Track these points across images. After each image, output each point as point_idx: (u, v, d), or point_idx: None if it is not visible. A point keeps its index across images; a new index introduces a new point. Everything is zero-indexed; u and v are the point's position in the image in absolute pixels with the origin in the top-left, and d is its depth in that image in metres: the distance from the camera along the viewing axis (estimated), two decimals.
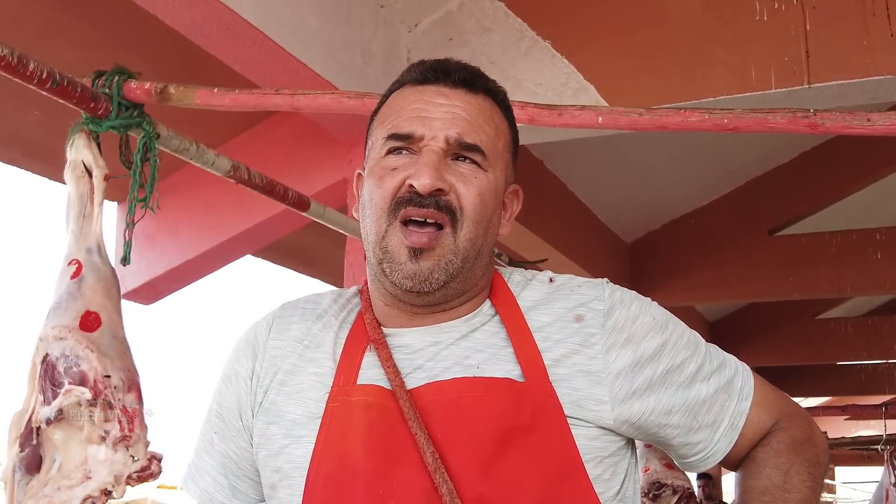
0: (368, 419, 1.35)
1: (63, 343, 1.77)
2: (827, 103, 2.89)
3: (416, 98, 1.43)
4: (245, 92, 2.10)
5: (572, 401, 1.35)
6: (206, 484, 1.54)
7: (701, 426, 1.44)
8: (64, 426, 1.75)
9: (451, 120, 1.39)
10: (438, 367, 1.39)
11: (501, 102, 1.49)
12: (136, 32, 2.95)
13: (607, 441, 1.38)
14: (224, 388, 1.54)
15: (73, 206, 1.95)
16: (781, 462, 1.45)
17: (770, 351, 8.47)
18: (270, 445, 1.44)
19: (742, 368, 1.51)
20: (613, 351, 1.39)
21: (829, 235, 5.99)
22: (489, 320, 1.43)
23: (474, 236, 1.39)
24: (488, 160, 1.41)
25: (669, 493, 3.90)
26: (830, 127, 1.65)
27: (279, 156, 3.63)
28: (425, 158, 1.37)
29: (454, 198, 1.37)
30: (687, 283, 6.21)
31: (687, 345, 1.45)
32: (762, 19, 2.94)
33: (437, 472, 1.29)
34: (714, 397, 1.44)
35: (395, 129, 1.41)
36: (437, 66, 1.46)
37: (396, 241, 1.37)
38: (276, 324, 1.53)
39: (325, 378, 1.43)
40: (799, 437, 1.49)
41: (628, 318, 1.42)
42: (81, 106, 1.95)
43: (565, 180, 5.13)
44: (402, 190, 1.37)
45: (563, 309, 1.42)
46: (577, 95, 3.09)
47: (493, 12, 3.26)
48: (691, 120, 1.76)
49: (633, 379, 1.38)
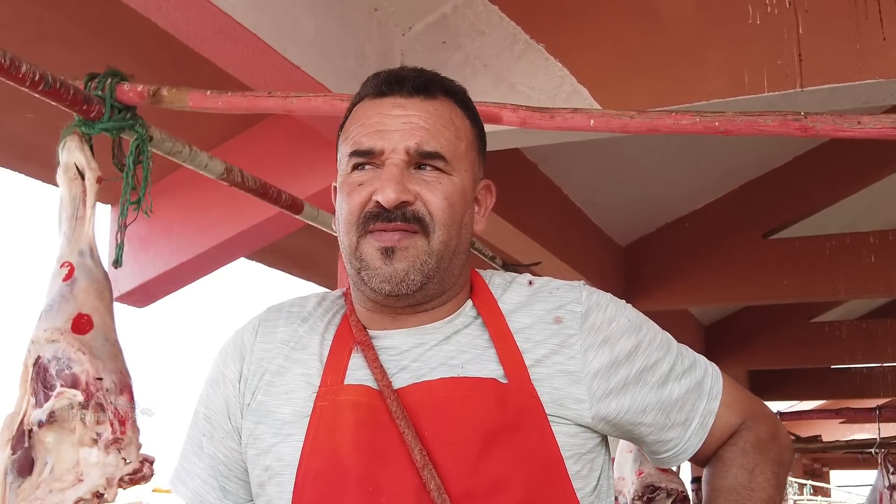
0: (357, 418, 1.38)
1: (55, 345, 1.77)
2: (820, 107, 2.89)
3: (374, 112, 1.45)
4: (238, 94, 2.10)
5: (553, 400, 1.39)
6: (197, 486, 1.55)
7: (673, 424, 1.49)
8: (56, 429, 1.75)
9: (408, 131, 1.41)
10: (424, 368, 1.42)
11: (461, 102, 1.51)
12: (129, 35, 2.94)
13: (585, 438, 1.42)
14: (211, 391, 1.55)
15: (66, 209, 1.95)
16: (747, 461, 1.51)
17: (765, 354, 8.49)
18: (259, 445, 1.46)
19: (711, 369, 1.56)
20: (591, 351, 1.43)
21: (823, 239, 6.00)
22: (472, 322, 1.47)
23: (447, 238, 1.42)
24: (451, 164, 1.43)
25: (664, 496, 3.91)
26: (821, 130, 1.65)
27: (272, 158, 3.63)
28: (387, 173, 1.39)
29: (421, 206, 1.40)
30: (681, 286, 6.22)
31: (660, 346, 1.50)
32: (755, 23, 2.95)
33: (425, 470, 1.32)
34: (686, 397, 1.49)
35: (356, 146, 1.44)
36: (392, 76, 1.47)
37: (369, 248, 1.41)
38: (262, 327, 1.55)
39: (312, 378, 1.45)
40: (764, 437, 1.55)
41: (604, 319, 1.46)
42: (74, 108, 1.95)
43: (559, 183, 5.13)
44: (370, 205, 1.41)
45: (542, 311, 1.46)
46: (571, 98, 3.09)
47: (486, 15, 3.27)
48: (683, 123, 1.77)
49: (610, 378, 1.43)
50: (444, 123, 1.44)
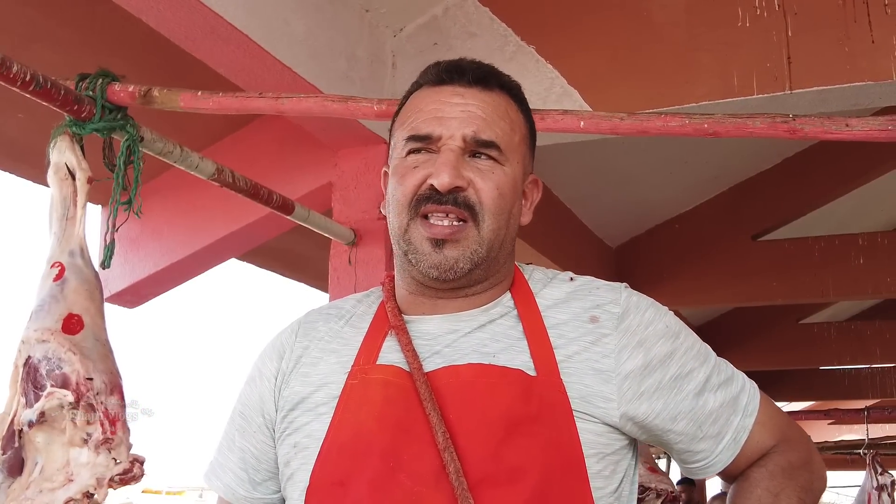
0: (386, 395, 1.41)
1: (45, 346, 1.77)
2: (808, 109, 2.91)
3: (433, 99, 1.48)
4: (229, 95, 2.10)
5: (581, 396, 1.39)
6: (229, 479, 1.59)
7: (705, 436, 1.47)
8: (46, 429, 1.75)
9: (467, 118, 1.45)
10: (456, 354, 1.44)
11: (516, 97, 1.54)
12: (121, 35, 2.94)
13: (611, 438, 1.42)
14: (248, 389, 1.60)
15: (56, 209, 1.95)
16: (774, 485, 1.48)
17: (754, 355, 8.50)
18: (291, 426, 1.50)
19: (749, 385, 1.54)
20: (625, 352, 1.43)
21: (812, 240, 6.02)
22: (508, 312, 1.48)
23: (497, 227, 1.45)
24: (504, 155, 1.46)
25: (653, 496, 3.92)
26: (809, 132, 1.66)
27: (264, 159, 3.63)
28: (444, 157, 1.43)
29: (472, 193, 1.43)
30: (671, 287, 6.23)
31: (697, 355, 1.49)
32: (745, 26, 2.96)
33: (446, 452, 1.33)
34: (720, 410, 1.47)
35: (413, 131, 1.47)
36: (452, 66, 1.51)
37: (417, 235, 1.44)
38: (302, 329, 1.60)
39: (345, 364, 1.49)
40: (795, 463, 1.52)
41: (641, 322, 1.47)
42: (65, 108, 1.95)
43: (550, 185, 5.14)
44: (423, 188, 1.44)
45: (579, 309, 1.47)
46: (561, 100, 3.10)
47: (477, 17, 3.27)
48: (672, 125, 1.78)
49: (642, 381, 1.42)
50: (500, 115, 1.48)
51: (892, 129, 1.58)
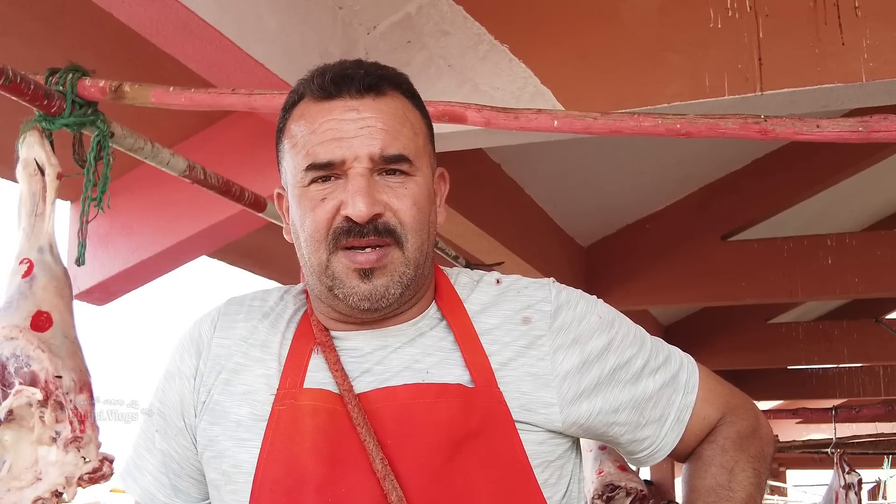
0: (316, 424, 1.33)
1: (14, 343, 1.75)
2: (779, 110, 2.93)
3: (324, 118, 1.37)
4: (201, 91, 2.09)
5: (521, 405, 1.35)
6: (147, 483, 1.51)
7: (648, 422, 1.45)
8: (14, 427, 1.73)
9: (368, 135, 1.34)
10: (388, 372, 1.37)
11: (407, 92, 1.45)
12: (91, 30, 2.91)
13: (554, 445, 1.38)
14: (166, 386, 1.51)
15: (25, 205, 1.93)
16: (727, 460, 1.46)
17: (722, 355, 8.56)
18: (215, 447, 1.42)
19: (687, 361, 1.52)
20: (560, 352, 1.39)
21: (780, 241, 6.07)
22: (437, 324, 1.42)
23: (420, 243, 1.37)
24: (414, 165, 1.38)
25: (623, 495, 3.92)
26: (781, 133, 1.67)
27: (235, 156, 3.60)
28: (354, 185, 1.32)
29: (391, 216, 1.34)
30: (641, 286, 6.26)
31: (633, 342, 1.46)
32: (716, 27, 2.98)
33: (386, 479, 1.27)
34: (660, 392, 1.45)
35: (312, 158, 1.35)
36: (338, 76, 1.39)
37: (341, 267, 1.35)
38: (221, 321, 1.50)
39: (270, 380, 1.40)
40: (744, 432, 1.51)
41: (574, 318, 1.42)
42: (34, 103, 1.93)
43: (522, 184, 5.15)
44: (337, 221, 1.34)
45: (510, 311, 1.42)
46: (535, 99, 3.11)
47: (451, 16, 3.27)
48: (645, 125, 1.78)
49: (581, 379, 1.39)
50: (400, 122, 1.38)
51: (862, 130, 1.60)
